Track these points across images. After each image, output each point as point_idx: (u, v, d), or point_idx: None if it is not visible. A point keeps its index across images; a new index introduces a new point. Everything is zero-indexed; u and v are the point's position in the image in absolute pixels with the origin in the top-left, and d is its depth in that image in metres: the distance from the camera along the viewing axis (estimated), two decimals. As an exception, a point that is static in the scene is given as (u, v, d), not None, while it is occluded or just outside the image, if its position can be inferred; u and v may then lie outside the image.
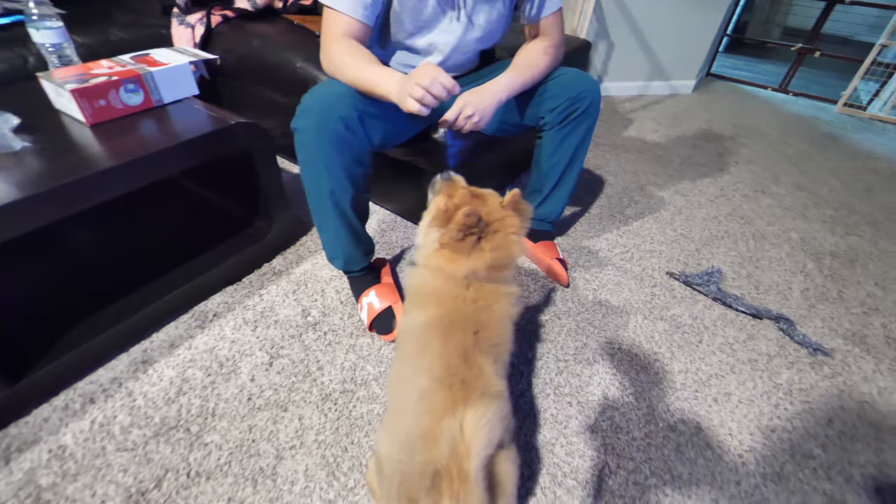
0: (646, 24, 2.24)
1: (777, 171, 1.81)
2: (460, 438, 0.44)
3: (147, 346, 0.92)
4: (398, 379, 0.62)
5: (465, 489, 0.44)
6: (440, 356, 0.56)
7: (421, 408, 0.52)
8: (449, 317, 0.60)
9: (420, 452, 0.49)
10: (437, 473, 0.46)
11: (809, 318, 1.13)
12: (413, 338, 0.62)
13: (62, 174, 0.71)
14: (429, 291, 0.64)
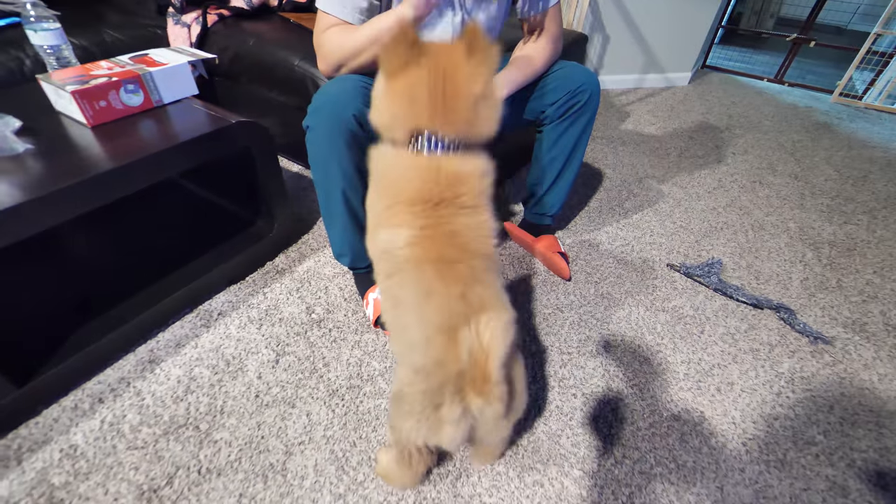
0: (641, 17, 2.24)
1: (773, 161, 1.82)
2: (478, 345, 0.46)
3: (153, 346, 0.92)
4: (392, 299, 0.58)
5: (488, 387, 0.47)
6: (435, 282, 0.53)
7: (431, 331, 0.52)
8: (423, 234, 0.55)
9: (440, 366, 0.50)
10: (460, 378, 0.49)
11: (809, 306, 1.14)
12: (394, 262, 0.56)
13: (65, 177, 0.71)
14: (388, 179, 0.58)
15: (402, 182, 0.57)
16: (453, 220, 0.56)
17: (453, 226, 0.55)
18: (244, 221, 1.15)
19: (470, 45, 0.55)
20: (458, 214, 0.56)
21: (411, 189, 0.56)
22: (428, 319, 0.52)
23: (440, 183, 0.56)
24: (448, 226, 0.55)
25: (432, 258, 0.54)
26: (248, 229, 1.13)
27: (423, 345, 0.52)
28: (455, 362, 0.49)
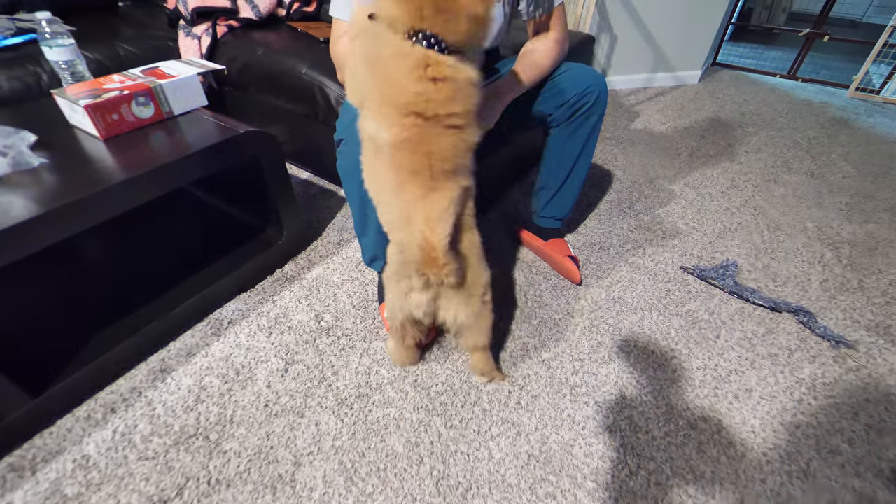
0: (648, 16, 2.20)
1: (788, 159, 1.76)
2: (428, 230, 0.60)
3: (164, 356, 0.92)
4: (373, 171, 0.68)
5: (438, 266, 0.61)
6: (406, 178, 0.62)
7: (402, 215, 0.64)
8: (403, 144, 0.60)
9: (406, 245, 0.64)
10: (420, 260, 0.61)
11: (830, 309, 1.09)
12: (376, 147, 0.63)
13: (79, 189, 0.71)
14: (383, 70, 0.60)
15: (398, 80, 0.58)
16: (436, 138, 0.60)
17: (435, 141, 0.60)
18: (254, 229, 1.15)
19: None
20: (443, 134, 0.61)
21: (406, 94, 0.58)
22: (399, 205, 0.63)
23: (433, 87, 0.57)
24: (430, 142, 0.60)
25: (407, 165, 0.61)
26: (258, 237, 1.13)
27: (397, 223, 0.66)
28: (409, 242, 0.63)
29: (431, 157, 0.61)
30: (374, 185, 0.69)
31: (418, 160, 0.60)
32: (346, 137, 0.79)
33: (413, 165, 0.61)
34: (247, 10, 1.46)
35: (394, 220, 0.67)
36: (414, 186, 0.61)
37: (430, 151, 0.60)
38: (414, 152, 0.60)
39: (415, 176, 0.61)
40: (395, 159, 0.61)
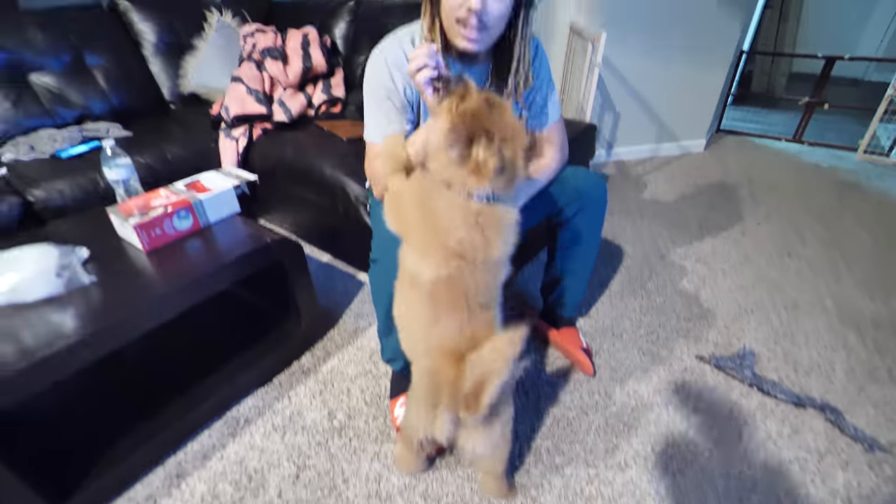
0: (648, 91, 2.25)
1: (801, 228, 1.70)
2: (488, 371, 0.57)
3: (181, 458, 0.91)
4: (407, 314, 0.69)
5: (476, 407, 0.58)
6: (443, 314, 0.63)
7: (434, 346, 0.64)
8: (443, 281, 0.62)
9: (436, 373, 0.63)
10: (455, 388, 0.60)
11: (860, 403, 1.00)
12: (414, 282, 0.65)
13: (123, 308, 0.77)
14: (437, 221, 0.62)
15: (449, 228, 0.61)
16: (474, 276, 0.63)
17: (471, 282, 0.63)
18: (272, 322, 1.16)
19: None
20: (480, 272, 0.63)
21: (454, 239, 0.61)
22: (434, 338, 0.64)
23: (480, 233, 0.61)
24: (467, 281, 0.62)
25: (444, 301, 0.63)
26: (277, 329, 1.14)
27: (427, 353, 0.66)
28: (447, 375, 0.61)
29: (468, 293, 0.63)
30: (405, 314, 0.70)
31: (455, 297, 0.62)
32: (380, 259, 0.81)
33: (450, 301, 0.63)
34: (280, 114, 1.58)
35: (424, 349, 0.67)
36: (453, 318, 0.62)
37: (467, 288, 0.63)
38: (452, 289, 0.62)
39: (452, 311, 0.63)
40: (432, 294, 0.63)
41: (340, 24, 1.95)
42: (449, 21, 0.75)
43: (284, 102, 1.61)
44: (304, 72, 1.68)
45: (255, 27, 1.79)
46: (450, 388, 0.61)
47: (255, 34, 1.76)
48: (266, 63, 1.66)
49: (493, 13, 0.72)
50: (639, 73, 2.16)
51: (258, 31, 1.77)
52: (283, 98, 1.62)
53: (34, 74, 1.54)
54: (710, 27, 2.08)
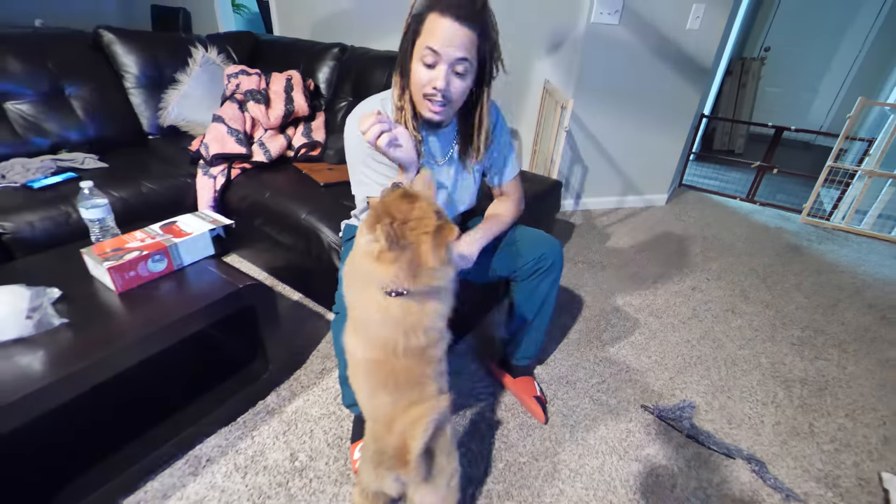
0: (614, 149, 2.51)
1: (746, 288, 1.93)
2: (408, 434, 0.68)
3: (141, 498, 0.96)
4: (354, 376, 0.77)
5: (409, 466, 0.68)
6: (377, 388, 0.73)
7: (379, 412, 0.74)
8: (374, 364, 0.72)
9: (379, 440, 0.74)
10: (394, 451, 0.70)
11: (782, 456, 1.16)
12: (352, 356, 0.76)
13: (93, 351, 0.83)
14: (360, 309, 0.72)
15: (371, 323, 0.71)
16: (399, 363, 0.71)
17: (398, 369, 0.71)
18: (240, 363, 1.24)
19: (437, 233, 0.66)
20: (403, 360, 0.71)
21: (374, 336, 0.71)
22: (371, 408, 0.76)
23: (402, 333, 0.69)
24: (394, 368, 0.71)
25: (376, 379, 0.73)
26: (243, 371, 1.22)
27: (370, 419, 0.77)
28: (385, 439, 0.72)
29: (396, 377, 0.72)
30: (354, 383, 0.78)
31: (383, 377, 0.72)
32: (341, 312, 0.92)
33: (381, 381, 0.72)
34: (259, 155, 1.70)
35: (368, 415, 0.77)
36: (385, 394, 0.72)
37: (395, 372, 0.71)
38: (379, 370, 0.72)
39: (383, 389, 0.72)
40: (367, 371, 0.74)
41: (324, 68, 2.13)
42: (417, 95, 0.91)
43: (265, 143, 1.74)
44: (286, 115, 1.83)
45: (240, 68, 1.95)
46: (389, 450, 0.70)
47: (238, 75, 1.91)
48: (248, 105, 1.80)
49: (455, 90, 0.89)
50: (607, 131, 2.43)
51: (242, 72, 1.92)
52: (263, 139, 1.76)
53: (9, 102, 1.62)
54: (673, 93, 2.39)
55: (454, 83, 0.87)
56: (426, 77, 0.87)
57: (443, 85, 0.86)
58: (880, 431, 1.25)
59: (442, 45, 0.82)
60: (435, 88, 0.87)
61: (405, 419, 0.69)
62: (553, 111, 1.96)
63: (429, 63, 0.85)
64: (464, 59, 0.84)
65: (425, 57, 0.85)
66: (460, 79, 0.88)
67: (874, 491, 1.09)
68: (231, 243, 1.83)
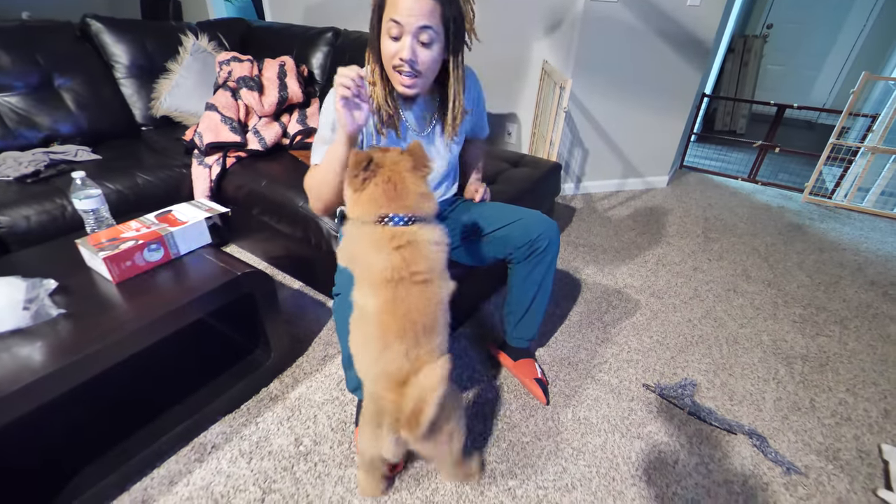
0: (615, 130, 2.50)
1: (748, 267, 1.93)
2: (417, 396, 0.69)
3: (148, 484, 0.98)
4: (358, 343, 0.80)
5: (416, 429, 0.69)
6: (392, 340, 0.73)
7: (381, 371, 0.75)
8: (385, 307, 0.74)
9: (381, 398, 0.74)
10: (397, 411, 0.72)
11: (783, 430, 1.18)
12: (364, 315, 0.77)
13: (92, 341, 0.83)
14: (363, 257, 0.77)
15: (373, 259, 0.75)
16: (409, 293, 0.74)
17: (409, 300, 0.74)
18: (242, 351, 1.25)
19: (415, 167, 0.80)
20: (413, 287, 0.75)
21: (378, 269, 0.74)
22: (381, 364, 0.74)
23: (401, 258, 0.74)
24: (405, 301, 0.74)
25: (392, 327, 0.73)
26: (246, 359, 1.23)
27: (375, 379, 0.76)
28: (390, 398, 0.72)
29: (410, 314, 0.73)
30: (359, 344, 0.80)
31: (400, 321, 0.73)
32: (343, 292, 0.93)
33: (397, 326, 0.73)
34: (254, 143, 1.70)
35: (372, 375, 0.77)
36: (399, 343, 0.73)
37: (408, 310, 0.74)
38: (395, 314, 0.73)
39: (399, 336, 0.73)
40: (380, 322, 0.74)
41: (318, 53, 2.11)
42: (388, 69, 0.93)
43: (259, 131, 1.73)
44: (280, 102, 1.81)
45: (232, 55, 1.93)
46: (392, 410, 0.72)
47: (230, 62, 1.89)
48: (241, 92, 1.78)
49: (423, 61, 0.89)
50: (606, 113, 2.41)
51: (234, 59, 1.90)
52: (258, 127, 1.75)
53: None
54: (674, 72, 2.36)
55: (421, 53, 0.89)
56: (393, 49, 0.88)
57: (408, 55, 0.87)
58: (881, 405, 1.27)
59: (404, 15, 0.84)
60: (402, 59, 0.88)
61: (416, 385, 0.70)
62: (552, 92, 1.95)
63: (394, 35, 0.87)
64: (426, 26, 0.85)
65: (391, 30, 0.86)
66: (426, 48, 0.89)
67: (874, 463, 1.10)
68: (229, 234, 1.83)
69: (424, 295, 0.76)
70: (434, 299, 0.77)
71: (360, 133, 0.91)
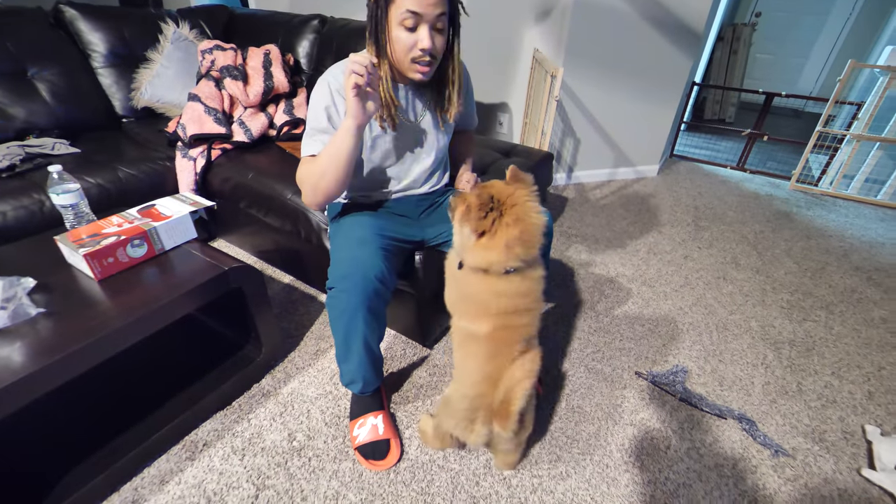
0: (606, 119, 2.50)
1: (737, 255, 1.96)
2: (509, 391, 0.81)
3: (138, 484, 0.97)
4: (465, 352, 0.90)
5: (508, 422, 0.81)
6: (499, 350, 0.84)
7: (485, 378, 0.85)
8: (496, 329, 0.83)
9: (481, 398, 0.85)
10: (490, 408, 0.83)
11: (771, 414, 1.20)
12: (472, 336, 0.86)
13: (74, 340, 0.81)
14: (480, 299, 0.85)
15: (493, 300, 0.84)
16: (517, 320, 0.85)
17: (517, 325, 0.85)
18: (233, 346, 1.24)
19: (518, 183, 0.85)
20: (521, 316, 0.85)
21: (499, 305, 0.83)
22: (486, 371, 0.84)
23: (518, 297, 0.84)
24: (513, 327, 0.84)
25: (501, 339, 0.84)
26: (237, 354, 1.22)
27: (476, 385, 0.85)
28: (489, 394, 0.84)
29: (517, 330, 0.84)
30: (464, 358, 0.90)
31: (509, 335, 0.84)
32: (337, 287, 0.92)
33: (505, 339, 0.84)
34: (240, 134, 1.66)
35: (473, 381, 0.87)
36: (505, 354, 0.83)
37: (517, 327, 0.84)
38: (505, 332, 0.84)
39: (507, 346, 0.83)
40: (490, 338, 0.84)
41: (304, 42, 2.07)
42: (403, 62, 0.91)
43: (245, 122, 1.70)
44: (266, 92, 1.78)
45: (214, 44, 1.88)
46: (488, 405, 0.84)
47: (213, 51, 1.85)
48: (225, 82, 1.74)
49: (439, 46, 0.91)
50: (597, 102, 2.41)
51: (217, 48, 1.85)
52: (243, 118, 1.71)
53: (-31, 86, 1.55)
54: (664, 61, 2.36)
55: (437, 39, 0.89)
56: (410, 41, 0.87)
57: (429, 44, 0.87)
58: (865, 387, 1.30)
59: (423, 4, 0.83)
60: (423, 50, 0.88)
61: (509, 378, 0.82)
62: (543, 81, 1.94)
63: (410, 26, 0.85)
64: (443, 13, 0.86)
65: (405, 21, 0.85)
66: (441, 34, 0.89)
67: (858, 443, 1.13)
68: (217, 228, 1.80)
69: (530, 315, 0.87)
70: (536, 319, 0.89)
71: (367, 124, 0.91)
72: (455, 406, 0.90)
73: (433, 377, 1.27)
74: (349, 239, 0.98)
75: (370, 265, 0.91)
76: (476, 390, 0.86)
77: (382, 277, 0.91)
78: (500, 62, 2.39)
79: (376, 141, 1.04)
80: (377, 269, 0.91)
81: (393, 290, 1.00)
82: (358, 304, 0.90)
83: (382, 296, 0.94)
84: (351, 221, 1.04)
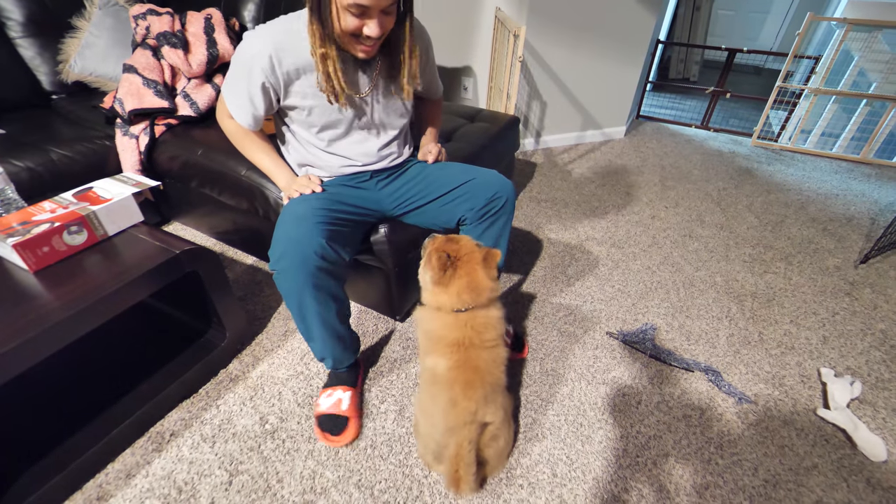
0: (572, 82, 2.45)
1: (702, 212, 2.00)
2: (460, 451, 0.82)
3: (102, 480, 0.93)
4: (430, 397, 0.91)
5: (459, 488, 0.84)
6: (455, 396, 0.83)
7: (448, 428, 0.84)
8: (456, 364, 0.85)
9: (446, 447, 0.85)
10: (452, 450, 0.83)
11: (735, 364, 1.25)
12: (435, 377, 0.87)
13: (7, 340, 0.74)
14: (437, 334, 0.89)
15: (446, 332, 0.87)
16: (476, 357, 0.86)
17: (477, 364, 0.85)
18: (194, 332, 1.18)
19: (486, 260, 0.90)
20: (479, 352, 0.86)
21: (454, 336, 0.86)
22: (448, 421, 0.83)
23: (472, 330, 0.87)
24: (474, 361, 0.85)
25: (461, 381, 0.84)
26: (200, 340, 1.16)
27: (441, 434, 0.85)
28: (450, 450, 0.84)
29: (479, 370, 0.85)
30: (428, 405, 0.91)
31: (469, 374, 0.84)
32: (277, 268, 0.89)
33: (466, 379, 0.83)
34: (185, 108, 1.54)
35: (437, 430, 0.87)
36: (466, 400, 0.82)
37: (477, 366, 0.85)
38: (465, 368, 0.84)
39: (468, 388, 0.82)
40: (450, 377, 0.84)
41: (249, 4, 1.92)
42: (348, 41, 0.87)
43: (190, 95, 1.57)
44: (211, 61, 1.64)
45: (147, 8, 1.71)
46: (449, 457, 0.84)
47: (147, 16, 1.69)
48: (163, 51, 1.60)
49: (386, 27, 0.86)
50: (562, 63, 2.35)
51: (151, 12, 1.69)
52: (187, 90, 1.58)
53: None
54: (627, 18, 2.31)
55: (385, 22, 0.85)
56: (355, 23, 0.83)
57: (377, 32, 0.84)
58: (819, 332, 1.37)
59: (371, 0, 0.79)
60: (369, 37, 0.84)
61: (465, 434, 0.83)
62: (506, 42, 1.86)
63: (357, 14, 0.81)
64: (392, 3, 0.83)
65: (351, 8, 0.80)
66: (388, 15, 0.85)
67: (814, 385, 1.20)
68: (170, 211, 1.70)
69: (492, 355, 0.88)
70: (499, 359, 0.90)
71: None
72: (423, 439, 0.94)
73: (406, 350, 1.26)
74: (286, 216, 0.93)
75: (307, 242, 0.87)
76: (442, 441, 0.86)
77: (324, 253, 0.88)
78: (461, 23, 2.29)
79: (322, 117, 0.98)
80: (316, 245, 0.87)
81: (348, 265, 0.97)
82: (302, 282, 0.88)
83: (331, 272, 0.91)
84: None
